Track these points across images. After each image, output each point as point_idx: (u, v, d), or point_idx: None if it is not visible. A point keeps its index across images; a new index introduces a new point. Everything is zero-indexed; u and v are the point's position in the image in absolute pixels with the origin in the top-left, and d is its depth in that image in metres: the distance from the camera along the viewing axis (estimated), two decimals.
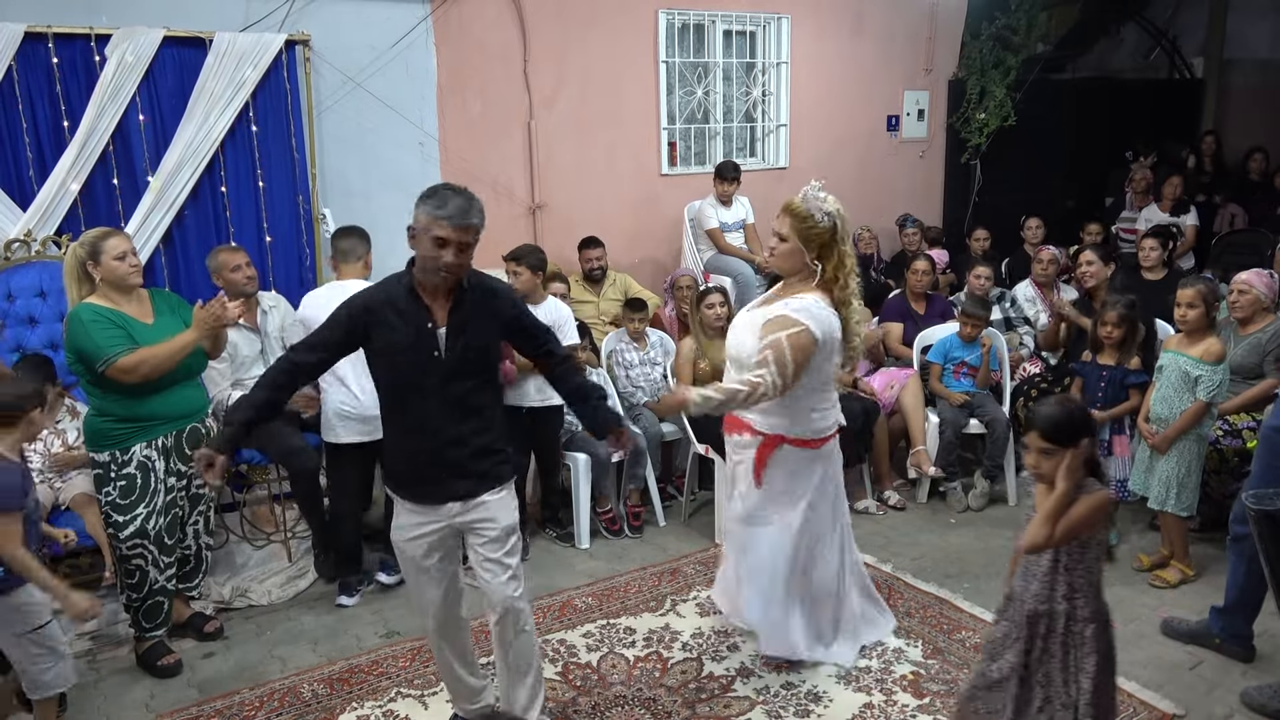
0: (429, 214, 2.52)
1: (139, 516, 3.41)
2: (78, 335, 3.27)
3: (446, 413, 2.66)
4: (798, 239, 3.16)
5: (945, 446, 4.94)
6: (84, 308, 3.31)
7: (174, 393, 3.46)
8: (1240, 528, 3.34)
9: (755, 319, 3.23)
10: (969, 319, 5.07)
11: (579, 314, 5.21)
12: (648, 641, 3.68)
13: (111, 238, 3.40)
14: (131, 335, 3.32)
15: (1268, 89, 9.33)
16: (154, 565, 3.47)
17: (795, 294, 3.19)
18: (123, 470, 3.40)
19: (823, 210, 3.14)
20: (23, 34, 4.11)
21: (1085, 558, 2.48)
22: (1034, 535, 2.44)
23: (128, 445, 3.38)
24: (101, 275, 3.36)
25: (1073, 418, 2.44)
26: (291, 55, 4.75)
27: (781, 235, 3.19)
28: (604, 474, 4.61)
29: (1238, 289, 4.27)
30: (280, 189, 4.78)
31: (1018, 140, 7.72)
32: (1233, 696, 3.25)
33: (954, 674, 3.41)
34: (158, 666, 3.52)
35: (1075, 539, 2.45)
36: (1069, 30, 9.08)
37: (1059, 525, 2.41)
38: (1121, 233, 7.44)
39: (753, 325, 3.21)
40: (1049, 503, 2.43)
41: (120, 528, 3.40)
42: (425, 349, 2.61)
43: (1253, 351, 4.25)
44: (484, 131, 5.64)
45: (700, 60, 6.52)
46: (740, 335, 3.26)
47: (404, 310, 2.61)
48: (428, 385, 2.63)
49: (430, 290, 2.62)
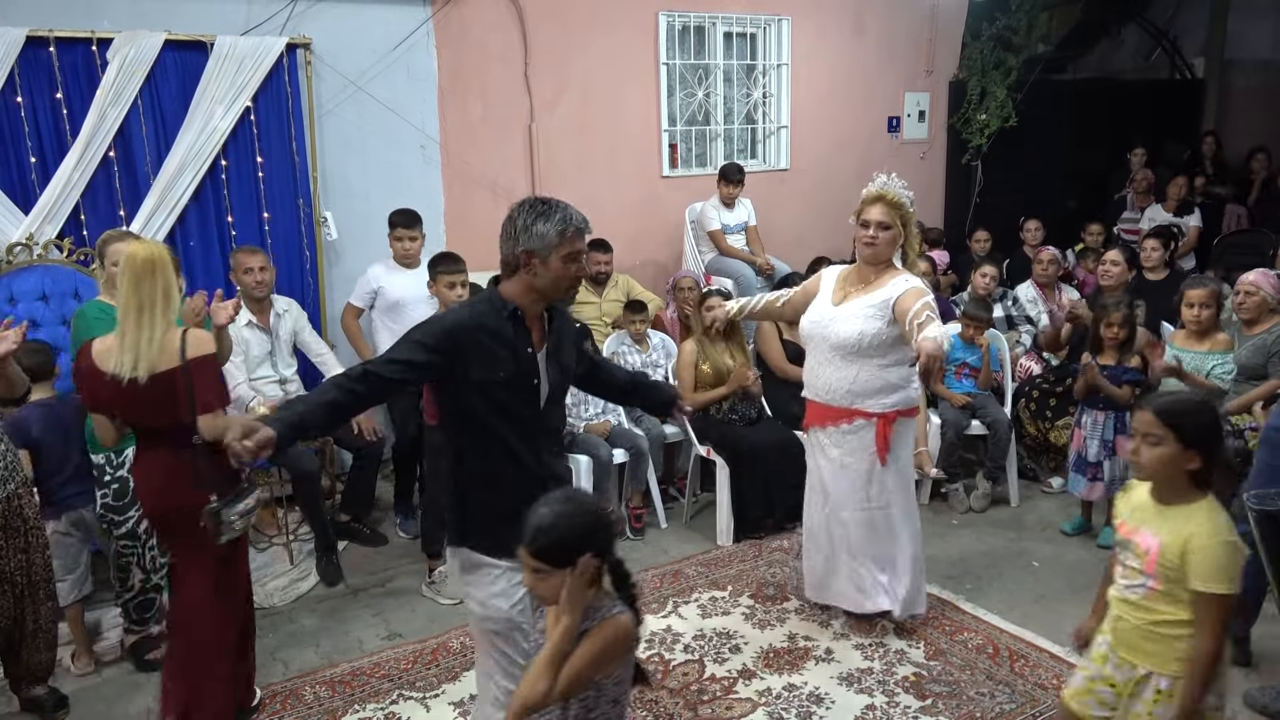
0: (560, 229, 2.35)
1: (131, 519, 3.48)
2: (79, 331, 3.34)
3: (546, 444, 2.49)
4: (900, 224, 3.43)
5: (947, 448, 4.93)
6: (91, 305, 3.40)
7: None
8: (1237, 527, 3.32)
9: (855, 308, 3.43)
10: (970, 320, 5.07)
11: (582, 315, 5.21)
12: (649, 643, 3.67)
13: (114, 242, 3.42)
14: None
15: (1268, 89, 9.33)
16: (139, 565, 3.53)
17: (892, 277, 3.44)
18: (116, 474, 3.46)
19: (908, 195, 3.46)
20: (25, 38, 4.12)
21: (600, 708, 1.98)
22: (528, 691, 1.90)
23: (122, 447, 3.34)
24: (105, 278, 3.43)
25: (567, 535, 1.90)
26: (292, 58, 4.76)
27: (884, 223, 3.42)
28: (605, 476, 4.61)
29: (1244, 290, 4.23)
30: (281, 192, 4.79)
31: (1018, 141, 7.72)
32: (1233, 697, 3.24)
33: (956, 675, 3.41)
34: (145, 660, 3.55)
35: (586, 687, 1.94)
36: (1070, 31, 9.08)
37: (564, 673, 1.89)
38: (1124, 233, 7.44)
39: (857, 313, 3.42)
40: (548, 645, 1.91)
41: (115, 527, 3.48)
42: (527, 376, 2.40)
43: (1257, 352, 4.23)
44: (485, 134, 5.65)
45: (701, 62, 6.52)
46: (842, 324, 3.44)
47: (501, 336, 2.36)
48: (526, 416, 2.42)
49: (531, 315, 2.42)
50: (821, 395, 3.55)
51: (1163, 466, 2.16)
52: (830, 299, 3.56)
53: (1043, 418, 5.08)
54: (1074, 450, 4.51)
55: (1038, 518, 4.82)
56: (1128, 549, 2.27)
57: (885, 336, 3.39)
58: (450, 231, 5.50)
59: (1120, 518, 2.34)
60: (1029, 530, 4.69)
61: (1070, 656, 3.48)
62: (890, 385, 3.47)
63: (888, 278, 3.44)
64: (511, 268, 2.37)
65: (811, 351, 3.60)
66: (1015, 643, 3.63)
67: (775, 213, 6.64)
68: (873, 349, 3.40)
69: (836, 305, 3.51)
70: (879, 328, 3.37)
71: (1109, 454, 4.34)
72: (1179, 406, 2.17)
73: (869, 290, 3.45)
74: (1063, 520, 4.70)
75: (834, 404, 3.51)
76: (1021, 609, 3.89)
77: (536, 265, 2.35)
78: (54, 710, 3.26)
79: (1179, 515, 2.18)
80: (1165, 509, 2.21)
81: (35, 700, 3.25)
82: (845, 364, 3.45)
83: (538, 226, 2.34)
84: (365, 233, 5.04)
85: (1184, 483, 2.17)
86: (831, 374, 3.49)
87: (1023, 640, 3.64)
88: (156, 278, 2.78)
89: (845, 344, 3.43)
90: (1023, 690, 3.32)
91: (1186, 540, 2.12)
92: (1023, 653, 3.56)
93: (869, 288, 3.46)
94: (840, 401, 3.50)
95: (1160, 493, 2.23)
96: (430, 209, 5.22)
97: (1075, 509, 4.68)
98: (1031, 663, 3.49)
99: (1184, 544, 2.13)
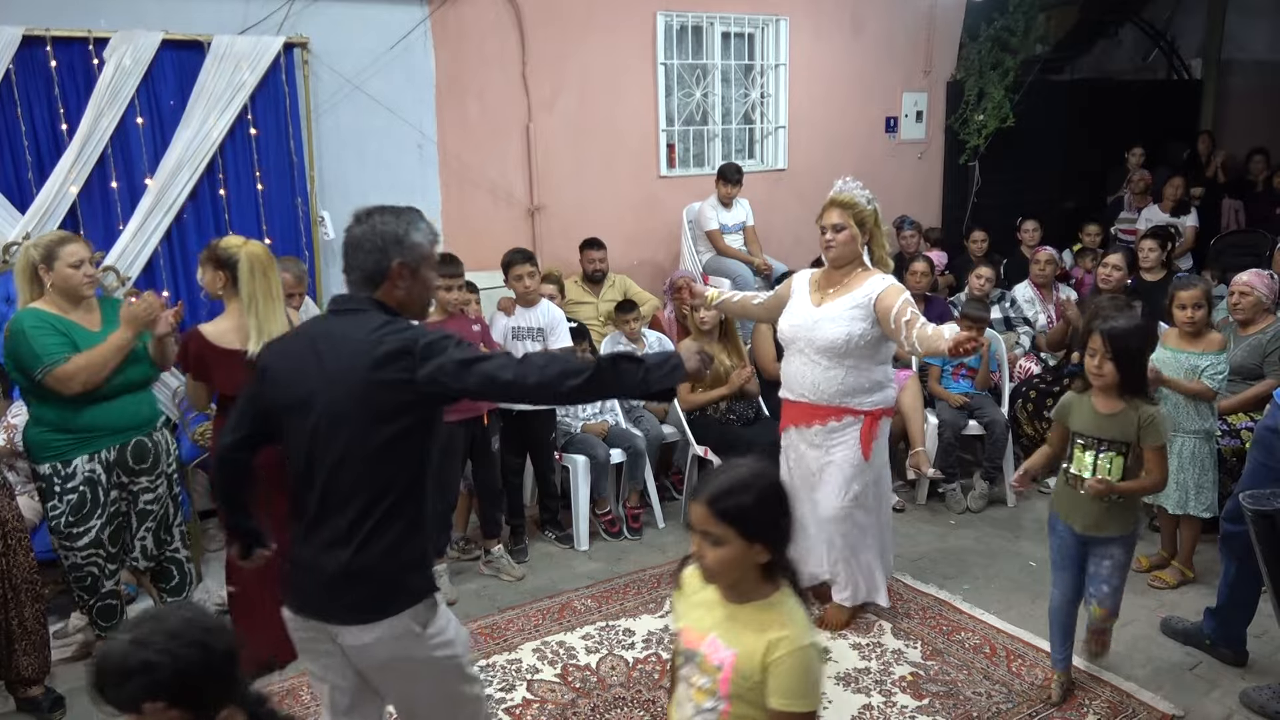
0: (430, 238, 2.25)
1: (93, 529, 3.35)
2: (17, 342, 3.15)
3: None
4: (854, 224, 3.46)
5: (944, 448, 4.94)
6: (27, 314, 3.20)
7: (117, 404, 3.34)
8: (1231, 526, 3.34)
9: (838, 309, 3.47)
10: (968, 321, 5.07)
11: (578, 315, 5.22)
12: (647, 643, 3.67)
13: (70, 244, 3.28)
14: (75, 342, 3.22)
15: (1265, 90, 9.33)
16: (103, 571, 3.42)
17: (868, 276, 3.49)
18: (68, 486, 3.29)
19: (865, 195, 3.48)
20: (21, 37, 4.11)
21: None
22: None
23: (69, 458, 3.28)
24: (53, 281, 3.24)
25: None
26: (290, 58, 4.75)
27: (836, 225, 3.47)
28: (603, 476, 4.61)
29: (1239, 291, 4.24)
30: (279, 191, 4.78)
31: (1016, 141, 7.73)
32: (1231, 697, 3.25)
33: (953, 675, 3.41)
34: None
35: None
36: (1067, 32, 9.09)
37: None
38: (1121, 233, 7.45)
39: (841, 315, 3.45)
40: None
41: (75, 539, 3.33)
42: None
43: (1253, 353, 4.24)
44: (483, 133, 5.65)
45: (699, 62, 6.52)
46: (828, 327, 3.47)
47: None
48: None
49: None
50: (808, 395, 3.57)
51: (729, 569, 1.79)
52: (809, 301, 3.58)
53: (1040, 418, 5.08)
54: None
55: (1035, 518, 4.82)
56: (694, 663, 1.87)
57: (870, 336, 3.45)
58: (447, 231, 5.49)
59: (681, 620, 1.94)
60: (1026, 530, 4.69)
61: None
62: (876, 383, 3.56)
63: (864, 277, 3.50)
64: (373, 284, 2.14)
65: (794, 353, 3.63)
66: (1012, 642, 3.63)
67: (773, 213, 6.65)
68: (859, 349, 3.46)
69: (818, 307, 3.54)
70: (864, 328, 3.44)
71: None
72: (734, 500, 1.76)
73: (848, 290, 3.50)
74: None
75: (822, 403, 3.54)
76: (1019, 609, 3.90)
77: (408, 278, 2.16)
78: (50, 710, 3.25)
79: (753, 619, 1.81)
80: (737, 610, 1.84)
81: (32, 701, 3.24)
82: (833, 365, 3.49)
83: (413, 235, 2.17)
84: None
85: (755, 578, 1.81)
86: (819, 375, 3.52)
87: (1020, 640, 3.64)
88: (272, 272, 3.26)
89: (833, 346, 3.46)
90: (1020, 690, 3.33)
91: (766, 650, 1.77)
92: (1020, 652, 3.56)
93: (846, 288, 3.51)
94: (830, 401, 3.53)
95: (729, 592, 1.85)
96: (428, 209, 5.14)
97: None
98: (1028, 662, 3.49)
99: (763, 654, 1.77)
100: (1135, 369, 2.95)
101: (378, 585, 2.08)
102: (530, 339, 4.45)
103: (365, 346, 2.04)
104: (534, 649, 3.63)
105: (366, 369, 2.02)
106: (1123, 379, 2.94)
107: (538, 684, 3.41)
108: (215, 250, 3.35)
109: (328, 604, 2.12)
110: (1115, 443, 2.98)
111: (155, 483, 3.53)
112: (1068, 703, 3.23)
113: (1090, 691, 3.29)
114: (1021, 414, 5.16)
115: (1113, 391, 2.98)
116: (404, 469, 2.10)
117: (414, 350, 2.03)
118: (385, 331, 2.06)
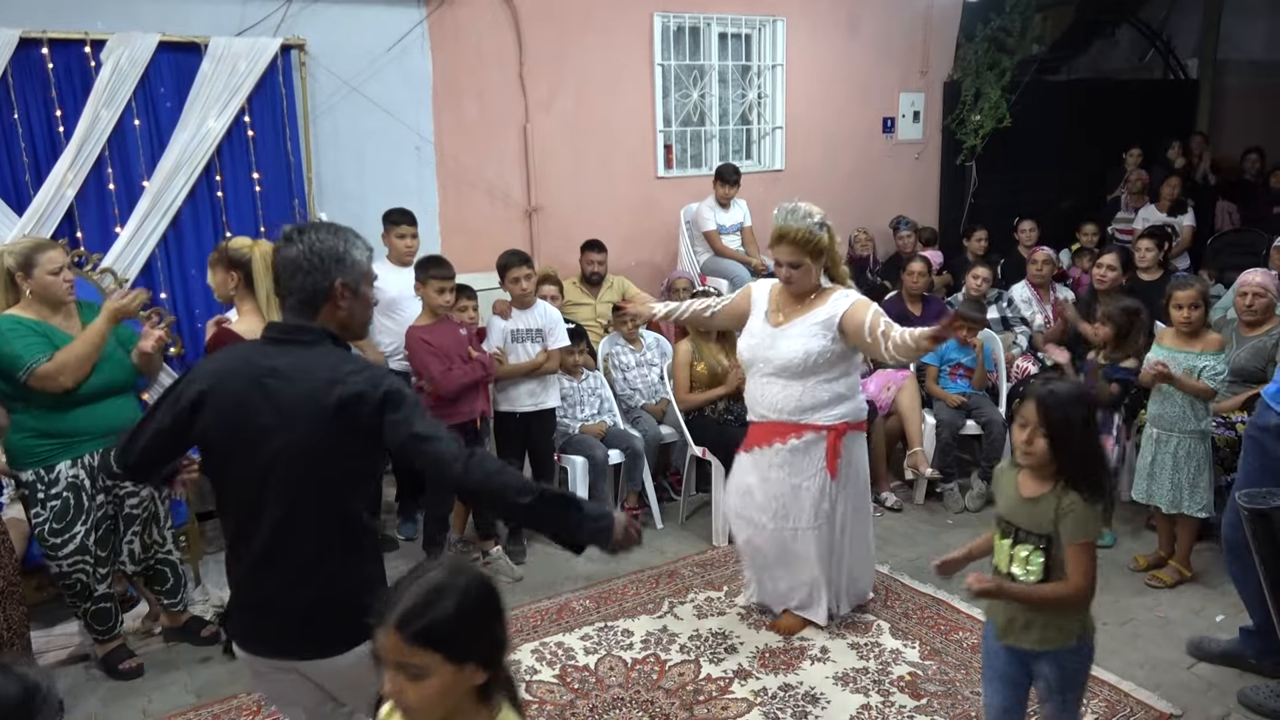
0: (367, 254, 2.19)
1: (77, 535, 3.32)
2: None
3: None
4: (810, 259, 3.38)
5: (942, 448, 4.94)
6: (3, 319, 3.18)
7: (100, 407, 3.33)
8: (1232, 533, 3.28)
9: (797, 329, 3.40)
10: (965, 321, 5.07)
11: (576, 316, 5.22)
12: (645, 644, 3.68)
13: (47, 250, 3.25)
14: (54, 343, 3.21)
15: (1261, 89, 9.36)
16: (93, 577, 3.41)
17: (830, 295, 3.44)
18: (51, 491, 3.27)
19: (814, 223, 3.37)
20: (18, 39, 4.11)
21: None
22: None
23: (52, 463, 3.26)
24: (31, 288, 3.23)
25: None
26: (287, 60, 4.75)
27: (793, 263, 3.38)
28: (601, 477, 4.61)
29: (1253, 293, 4.16)
30: (276, 193, 4.78)
31: (1013, 142, 7.74)
32: (1229, 697, 3.25)
33: (951, 675, 3.42)
34: (119, 670, 3.51)
35: None
36: (1064, 32, 9.12)
37: None
38: (1118, 233, 7.46)
39: (800, 333, 3.39)
40: None
41: (59, 548, 3.30)
42: None
43: (1256, 356, 4.21)
44: (480, 135, 5.65)
45: (696, 63, 6.53)
46: (785, 345, 3.41)
47: None
48: None
49: None
50: (768, 414, 3.52)
51: (436, 704, 1.48)
52: (767, 320, 3.52)
53: None
54: None
55: None
56: None
57: (830, 353, 3.39)
58: (444, 232, 5.50)
59: None
60: None
61: None
62: (839, 396, 3.48)
63: (825, 295, 3.45)
64: (313, 306, 2.05)
65: (753, 374, 3.57)
66: None
67: (770, 213, 6.55)
68: (818, 366, 3.40)
69: (776, 327, 3.48)
70: (824, 345, 3.38)
71: None
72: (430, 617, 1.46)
73: (809, 309, 3.45)
74: None
75: (783, 420, 3.48)
76: None
77: (350, 297, 2.08)
78: None
79: None
80: None
81: None
82: (791, 382, 3.44)
83: (354, 253, 2.10)
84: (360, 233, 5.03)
85: (470, 705, 1.52)
86: (777, 392, 3.47)
87: None
88: None
89: (791, 365, 3.41)
90: None
91: None
92: None
93: (807, 307, 3.45)
94: (789, 417, 3.47)
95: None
96: (425, 210, 5.22)
97: None
98: None
99: None
100: (1073, 447, 2.33)
101: (345, 618, 1.93)
102: (530, 340, 4.45)
103: (323, 386, 1.95)
104: (532, 650, 3.64)
105: (331, 409, 1.94)
106: (1058, 459, 2.35)
107: (536, 685, 3.41)
108: (226, 252, 3.35)
109: (293, 643, 2.04)
110: (1033, 534, 2.40)
111: (139, 486, 3.51)
112: None
113: (1088, 691, 3.28)
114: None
115: (1045, 472, 2.40)
116: (361, 497, 2.08)
117: (373, 399, 1.95)
118: (346, 371, 1.98)
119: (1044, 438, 2.34)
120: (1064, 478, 2.35)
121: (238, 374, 2.03)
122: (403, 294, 4.66)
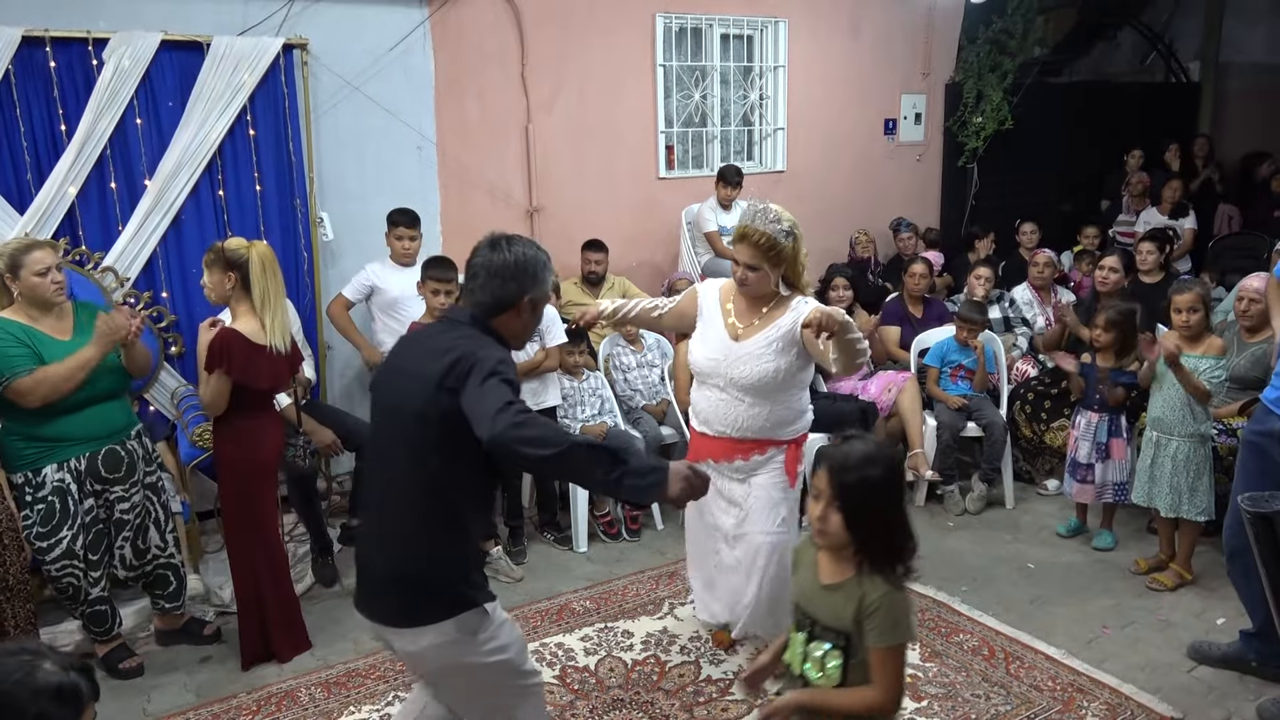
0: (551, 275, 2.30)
1: (64, 540, 3.30)
2: None
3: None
4: (769, 265, 3.17)
5: (943, 450, 4.94)
6: None
7: (88, 413, 3.31)
8: (1232, 536, 3.28)
9: (759, 345, 3.21)
10: (965, 323, 5.08)
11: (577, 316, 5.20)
12: (645, 645, 3.68)
13: (35, 250, 3.21)
14: (39, 354, 3.18)
15: (1262, 92, 9.36)
16: (85, 580, 3.38)
17: (789, 302, 3.26)
18: (38, 494, 3.26)
19: (781, 230, 3.14)
20: (20, 38, 4.10)
21: None
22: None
23: (39, 467, 3.24)
24: (20, 290, 3.20)
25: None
26: (289, 59, 4.75)
27: (750, 265, 3.17)
28: None
29: (1248, 298, 4.18)
30: (278, 193, 4.77)
31: (1014, 144, 7.73)
32: (1230, 700, 3.25)
33: (952, 677, 3.42)
34: (119, 669, 3.50)
35: None
36: (1065, 35, 9.10)
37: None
38: (1119, 236, 7.46)
39: (763, 351, 3.20)
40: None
41: (46, 552, 3.28)
42: None
43: (1256, 364, 4.21)
44: (482, 135, 5.64)
45: (698, 64, 6.53)
46: (751, 365, 3.21)
47: None
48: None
49: None
50: (728, 431, 3.32)
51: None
52: (725, 331, 3.31)
53: (1038, 420, 5.09)
54: (1070, 452, 4.52)
55: (1033, 520, 4.83)
56: None
57: (794, 367, 3.26)
58: (446, 232, 5.50)
59: None
60: (1024, 532, 4.70)
61: (1066, 659, 3.50)
62: (798, 413, 3.39)
63: (785, 304, 3.27)
64: (498, 310, 2.18)
65: (710, 388, 3.35)
66: (1011, 644, 3.64)
67: None
68: (785, 381, 3.26)
69: (736, 341, 3.27)
70: (790, 360, 3.23)
71: (1101, 457, 4.34)
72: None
73: (769, 322, 3.25)
74: (1058, 523, 4.71)
75: (746, 438, 3.31)
76: (1017, 610, 3.90)
77: (528, 313, 2.22)
78: None
79: None
80: None
81: None
82: (758, 401, 3.26)
83: (545, 274, 2.23)
84: (362, 234, 5.04)
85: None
86: (743, 412, 3.28)
87: (1018, 642, 3.65)
88: (278, 270, 3.39)
89: (761, 384, 3.23)
90: (1018, 692, 3.33)
91: None
92: (1018, 654, 3.56)
93: (767, 318, 3.26)
94: (755, 435, 3.32)
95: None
96: (427, 210, 5.22)
97: (1070, 511, 4.69)
98: (1027, 664, 3.49)
99: None
100: (873, 521, 1.93)
101: (416, 591, 2.13)
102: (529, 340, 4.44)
103: (439, 355, 2.08)
104: (532, 650, 3.63)
105: (438, 374, 2.05)
106: (856, 540, 1.94)
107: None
108: (224, 253, 3.33)
109: (372, 603, 2.22)
110: (830, 629, 1.99)
111: (130, 491, 3.48)
112: (1066, 705, 3.23)
113: (1089, 694, 3.29)
114: (1020, 416, 5.17)
115: (844, 554, 1.98)
116: (464, 473, 2.12)
117: (467, 363, 2.02)
118: (465, 344, 2.09)
119: (839, 512, 1.92)
120: (865, 560, 1.95)
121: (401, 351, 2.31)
122: (404, 294, 4.69)
